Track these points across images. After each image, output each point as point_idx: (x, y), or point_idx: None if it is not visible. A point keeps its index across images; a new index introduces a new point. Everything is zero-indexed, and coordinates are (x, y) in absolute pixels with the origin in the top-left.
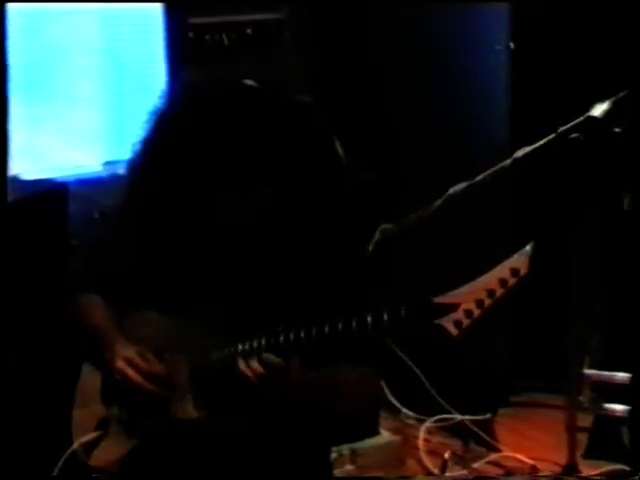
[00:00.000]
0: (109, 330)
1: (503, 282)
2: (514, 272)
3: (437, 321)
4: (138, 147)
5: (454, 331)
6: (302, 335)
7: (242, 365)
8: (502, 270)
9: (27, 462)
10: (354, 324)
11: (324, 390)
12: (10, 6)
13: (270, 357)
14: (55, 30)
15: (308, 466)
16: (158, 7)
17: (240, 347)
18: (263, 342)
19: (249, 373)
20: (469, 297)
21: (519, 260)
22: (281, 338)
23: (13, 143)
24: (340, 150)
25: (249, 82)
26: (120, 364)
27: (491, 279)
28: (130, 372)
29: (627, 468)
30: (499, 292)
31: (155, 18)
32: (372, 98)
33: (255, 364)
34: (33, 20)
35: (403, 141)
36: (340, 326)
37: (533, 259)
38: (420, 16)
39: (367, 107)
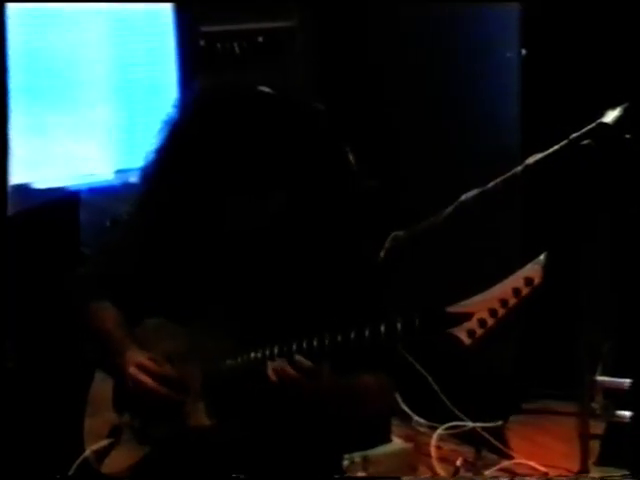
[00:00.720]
0: (120, 337)
1: (517, 291)
2: (528, 281)
3: (450, 330)
4: (152, 156)
5: (467, 340)
6: (315, 343)
7: (272, 369)
8: (516, 279)
9: (40, 470)
10: (367, 333)
11: (349, 396)
12: (18, 9)
13: (303, 361)
14: (66, 38)
15: (320, 473)
16: (169, 15)
17: (252, 355)
18: (276, 350)
19: (279, 377)
20: (483, 306)
21: (533, 269)
22: (294, 346)
23: (24, 152)
24: (351, 157)
25: (264, 88)
26: (132, 370)
27: (505, 288)
28: (143, 377)
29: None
30: (512, 302)
31: (166, 26)
32: (382, 105)
33: (288, 368)
34: (45, 28)
35: (413, 148)
36: (353, 335)
37: (547, 269)
38: (430, 23)
39: (377, 114)
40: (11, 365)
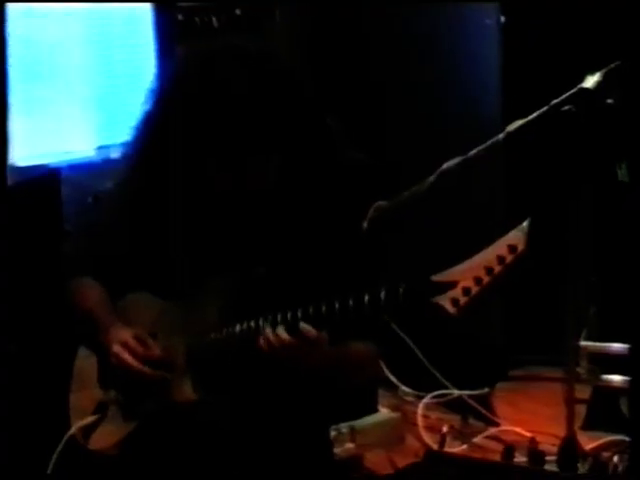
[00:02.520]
0: (104, 314)
1: (501, 259)
2: (511, 248)
3: (434, 299)
4: (138, 128)
5: (451, 309)
6: (299, 314)
7: (271, 337)
8: (500, 247)
9: (26, 447)
10: (351, 302)
11: (338, 364)
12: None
13: (306, 327)
14: (45, 13)
15: (308, 445)
16: None
17: (238, 327)
18: (261, 322)
19: (279, 345)
20: (467, 274)
21: (516, 236)
22: (278, 316)
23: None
24: (334, 126)
25: (247, 44)
26: (116, 348)
27: (488, 256)
28: (127, 356)
29: (626, 439)
30: (497, 269)
31: (144, 3)
32: (363, 77)
33: (285, 335)
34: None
35: (394, 119)
36: (337, 305)
37: (530, 235)
38: None
39: (358, 86)
40: (13, 349)
